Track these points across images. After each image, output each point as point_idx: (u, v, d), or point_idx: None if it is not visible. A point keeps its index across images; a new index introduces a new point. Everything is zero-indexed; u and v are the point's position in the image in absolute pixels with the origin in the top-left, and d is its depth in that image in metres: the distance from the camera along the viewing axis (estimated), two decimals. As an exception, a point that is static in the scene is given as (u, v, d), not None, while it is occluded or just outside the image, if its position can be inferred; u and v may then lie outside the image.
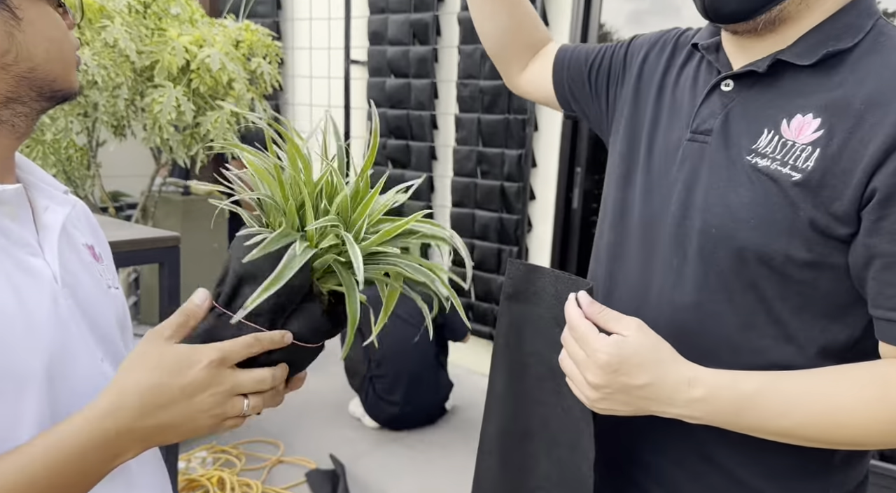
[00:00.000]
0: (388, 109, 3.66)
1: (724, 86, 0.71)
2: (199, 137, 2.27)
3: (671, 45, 0.83)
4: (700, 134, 0.71)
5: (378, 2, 3.57)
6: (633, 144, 0.80)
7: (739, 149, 0.68)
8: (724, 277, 0.67)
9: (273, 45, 2.47)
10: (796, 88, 0.66)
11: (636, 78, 0.83)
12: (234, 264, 0.60)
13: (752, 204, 0.65)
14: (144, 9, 2.15)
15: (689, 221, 0.70)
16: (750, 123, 0.68)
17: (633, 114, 0.81)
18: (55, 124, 1.90)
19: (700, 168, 0.70)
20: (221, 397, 0.56)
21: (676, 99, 0.77)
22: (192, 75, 2.14)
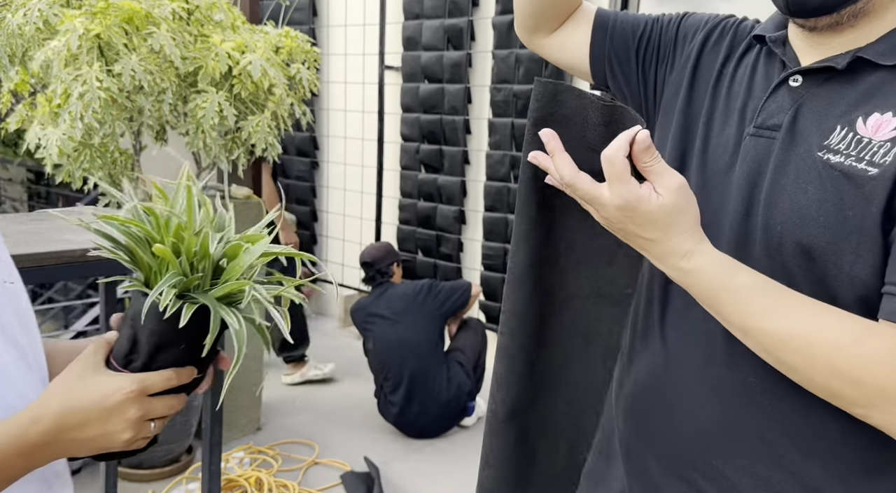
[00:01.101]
0: (422, 113, 3.68)
1: (793, 81, 0.70)
2: (241, 141, 2.31)
3: (730, 34, 0.80)
4: (766, 129, 0.70)
5: (413, 7, 3.60)
6: (687, 137, 0.78)
7: (809, 145, 0.66)
8: (791, 273, 0.66)
9: (312, 51, 2.50)
10: (874, 87, 0.65)
11: (693, 66, 0.80)
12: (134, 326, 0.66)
13: (822, 202, 0.64)
14: (188, 15, 2.20)
15: (752, 219, 0.69)
16: (821, 119, 0.67)
17: (688, 105, 0.79)
18: (103, 128, 1.95)
19: (765, 164, 0.69)
20: (135, 422, 0.62)
21: (732, 92, 0.75)
22: (234, 81, 2.18)
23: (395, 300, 2.85)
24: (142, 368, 0.64)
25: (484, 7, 3.40)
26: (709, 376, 0.72)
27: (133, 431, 0.62)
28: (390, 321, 2.80)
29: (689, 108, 0.79)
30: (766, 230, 0.67)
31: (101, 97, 1.80)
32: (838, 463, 0.67)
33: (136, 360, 0.64)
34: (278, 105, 2.34)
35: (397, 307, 2.82)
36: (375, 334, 2.82)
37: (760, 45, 0.76)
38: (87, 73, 1.80)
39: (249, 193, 2.79)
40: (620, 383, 0.83)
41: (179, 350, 0.65)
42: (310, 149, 4.40)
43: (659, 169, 0.62)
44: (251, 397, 2.80)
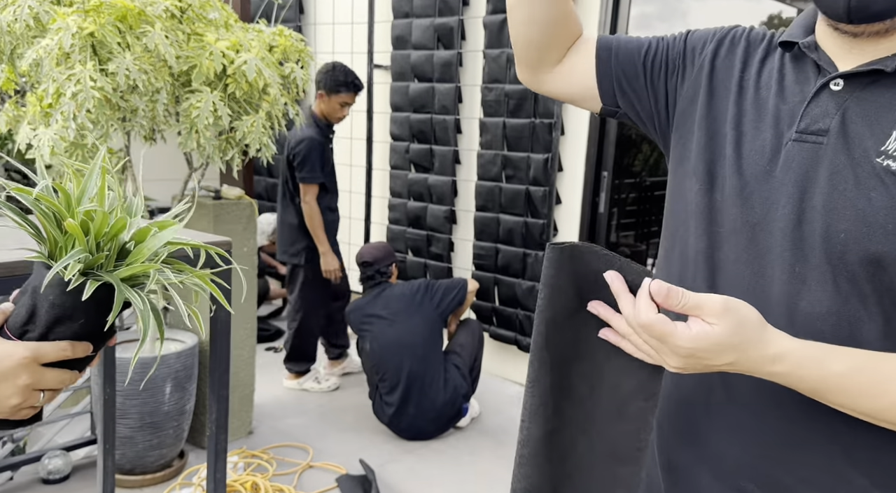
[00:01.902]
0: (412, 113, 3.66)
1: (834, 85, 0.70)
2: (235, 141, 2.27)
3: (742, 42, 0.80)
4: (811, 134, 0.69)
5: (402, 6, 3.58)
6: (714, 147, 0.77)
7: (865, 150, 0.66)
8: (857, 282, 0.65)
9: (306, 50, 2.47)
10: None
11: (709, 76, 0.80)
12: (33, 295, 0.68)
13: (889, 209, 0.64)
14: (181, 13, 2.15)
15: (807, 225, 0.68)
16: (872, 124, 0.67)
17: (709, 113, 0.78)
18: (96, 129, 1.91)
19: (816, 170, 0.68)
20: (24, 389, 0.64)
21: (760, 98, 0.75)
22: (229, 80, 2.15)
23: (393, 301, 2.83)
24: (37, 339, 0.66)
25: (475, 6, 3.39)
26: (769, 393, 0.71)
27: (21, 397, 0.64)
28: (388, 321, 2.78)
29: (711, 116, 0.78)
30: (827, 238, 0.66)
31: (96, 97, 1.76)
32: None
33: (33, 331, 0.66)
34: (273, 105, 2.31)
35: (395, 308, 2.80)
36: (373, 334, 2.80)
37: (784, 51, 0.76)
38: (80, 73, 1.75)
39: (241, 193, 2.75)
40: (666, 395, 0.82)
41: (78, 325, 0.68)
42: (297, 148, 4.35)
43: (694, 303, 0.61)
44: (243, 399, 2.77)
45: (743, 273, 0.72)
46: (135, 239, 0.73)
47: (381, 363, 2.76)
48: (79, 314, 0.67)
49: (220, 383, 1.48)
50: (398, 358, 2.73)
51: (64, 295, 0.65)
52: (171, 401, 2.37)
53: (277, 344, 3.86)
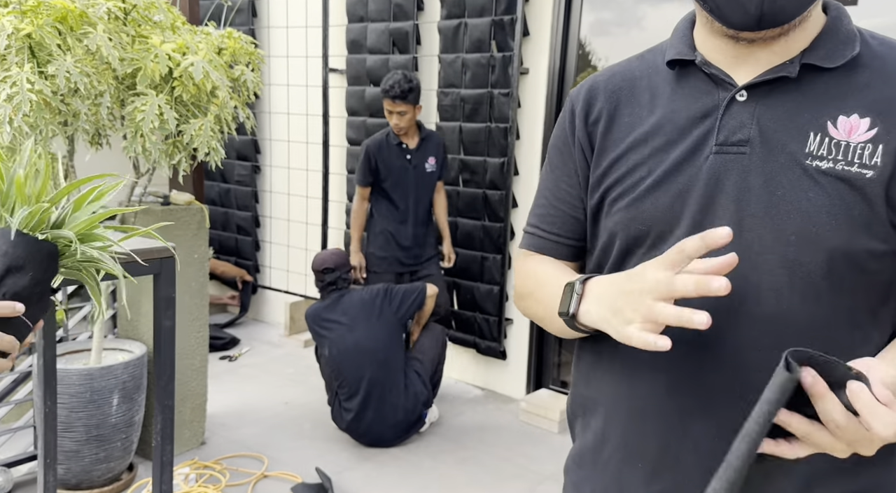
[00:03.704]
0: (368, 117, 3.64)
1: (740, 96, 0.71)
2: (182, 145, 2.23)
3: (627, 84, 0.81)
4: (732, 146, 0.71)
5: (357, 10, 3.57)
6: (630, 179, 0.76)
7: (791, 154, 0.68)
8: (812, 280, 0.67)
9: (256, 53, 2.44)
10: (824, 91, 0.69)
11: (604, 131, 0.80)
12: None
13: (829, 206, 0.66)
14: (125, 15, 2.10)
15: (748, 233, 0.68)
16: (789, 128, 0.69)
17: (611, 156, 0.79)
18: (34, 132, 1.84)
19: (746, 178, 0.69)
20: None
21: (663, 125, 0.75)
22: (175, 83, 2.10)
23: (352, 307, 2.80)
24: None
25: (429, 11, 3.40)
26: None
27: None
28: (347, 327, 2.75)
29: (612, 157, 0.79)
30: (779, 242, 0.67)
31: (33, 100, 1.70)
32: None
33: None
34: (221, 108, 2.27)
35: (354, 313, 2.78)
36: (332, 340, 2.77)
37: (671, 69, 0.77)
38: (16, 75, 1.69)
39: (191, 198, 2.70)
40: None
41: (25, 279, 0.71)
42: (251, 153, 4.29)
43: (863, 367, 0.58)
44: (195, 409, 2.70)
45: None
46: (72, 208, 0.79)
47: (340, 369, 2.74)
48: (29, 266, 0.70)
49: (165, 393, 1.45)
50: (358, 364, 2.71)
51: (16, 246, 0.69)
52: (119, 413, 2.30)
53: (233, 352, 3.79)
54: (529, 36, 3.10)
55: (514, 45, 3.04)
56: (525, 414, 3.11)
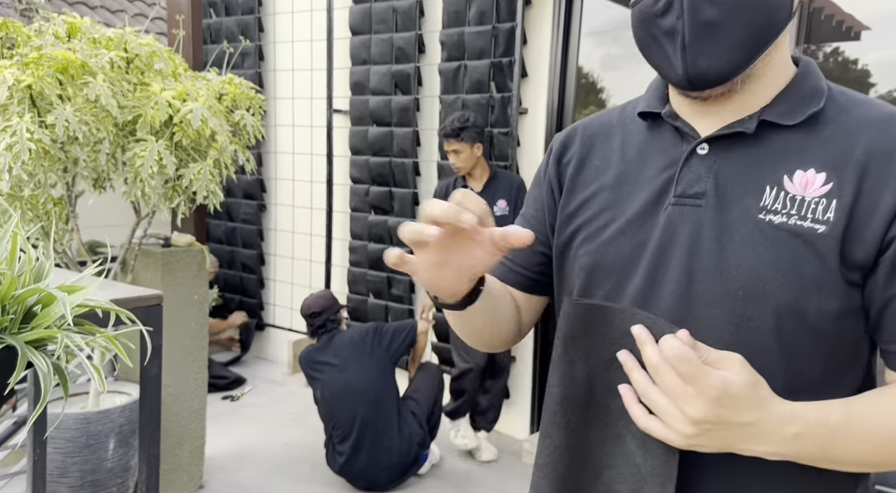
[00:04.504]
0: (371, 156, 3.68)
1: (700, 150, 0.72)
2: (181, 189, 2.26)
3: (579, 136, 0.84)
4: (689, 198, 0.71)
5: (360, 54, 3.64)
6: (592, 225, 0.78)
7: (745, 208, 0.68)
8: (760, 337, 0.66)
9: (257, 98, 2.48)
10: (783, 146, 0.69)
11: (571, 176, 0.83)
12: None
13: (778, 261, 0.65)
14: (127, 64, 2.16)
15: (698, 286, 0.68)
16: (746, 183, 0.69)
17: (577, 201, 0.81)
18: (33, 180, 1.88)
19: (700, 231, 0.69)
20: None
21: (625, 171, 0.77)
22: (175, 129, 2.14)
23: (342, 347, 2.79)
24: None
25: (430, 54, 3.46)
26: None
27: None
28: (338, 368, 2.73)
29: (578, 203, 0.80)
30: (727, 297, 0.67)
31: (32, 149, 1.74)
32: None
33: None
34: (221, 152, 2.30)
35: (345, 354, 2.76)
36: (324, 382, 2.75)
37: (643, 121, 0.79)
38: (16, 125, 1.73)
39: (192, 239, 2.72)
40: None
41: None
42: (257, 191, 4.34)
43: (716, 355, 0.61)
44: (193, 452, 2.68)
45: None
46: (41, 303, 0.74)
47: (332, 411, 2.71)
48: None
49: (151, 442, 1.44)
50: (350, 405, 2.68)
51: None
52: (115, 457, 2.28)
53: (235, 392, 3.77)
54: (528, 77, 3.14)
55: (513, 86, 3.08)
56: (529, 455, 3.05)
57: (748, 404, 0.61)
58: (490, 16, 3.13)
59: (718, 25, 0.65)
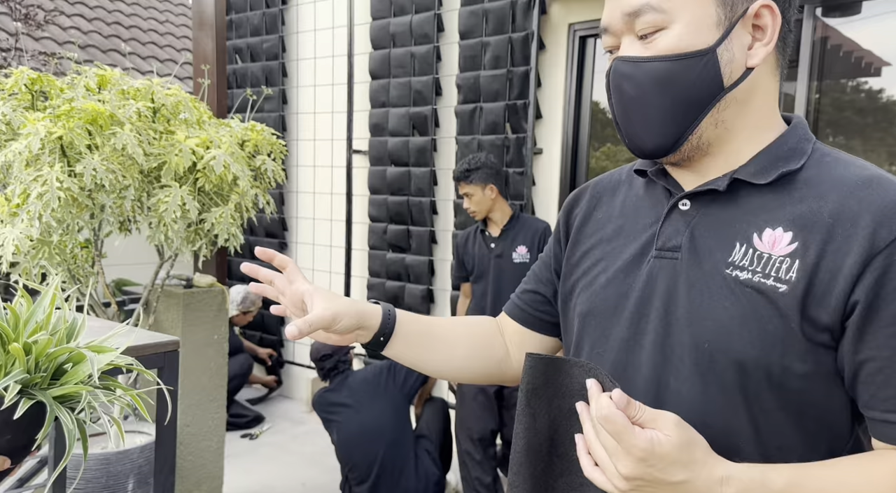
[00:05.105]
0: (389, 195, 3.75)
1: (682, 205, 0.75)
2: (203, 232, 2.32)
3: (588, 191, 0.90)
4: (668, 251, 0.74)
5: (379, 97, 3.73)
6: (588, 278, 0.82)
7: (715, 263, 0.70)
8: (727, 390, 0.67)
9: (278, 143, 2.56)
10: (758, 204, 0.70)
11: (577, 228, 0.87)
12: None
13: (742, 317, 0.66)
14: (153, 113, 2.25)
15: (674, 337, 0.70)
16: (719, 238, 0.71)
17: (578, 254, 0.86)
18: (61, 226, 1.95)
19: (675, 284, 0.72)
20: None
21: (622, 225, 0.81)
22: (198, 174, 2.21)
23: (357, 387, 2.79)
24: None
25: (447, 96, 3.54)
26: None
27: None
28: (354, 409, 2.73)
29: (579, 255, 0.85)
30: (695, 348, 0.69)
31: (61, 197, 1.81)
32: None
33: None
34: (242, 196, 2.37)
35: (360, 394, 2.76)
36: (340, 424, 2.75)
37: (640, 177, 0.84)
38: (47, 174, 1.81)
39: (213, 280, 2.78)
40: None
41: (4, 440, 0.70)
42: (278, 230, 4.42)
43: (651, 415, 0.62)
44: (211, 492, 2.69)
45: (641, 387, 0.73)
46: (71, 361, 0.77)
47: (349, 453, 2.71)
48: (7, 430, 0.70)
49: (164, 488, 1.46)
50: (367, 447, 2.67)
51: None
52: (133, 497, 2.30)
53: (255, 431, 3.79)
54: (542, 118, 3.19)
55: (528, 127, 3.13)
56: None
57: (678, 463, 0.61)
58: (505, 60, 3.20)
59: (637, 105, 0.70)
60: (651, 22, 0.68)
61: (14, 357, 0.72)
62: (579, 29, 3.06)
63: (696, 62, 0.67)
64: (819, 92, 2.63)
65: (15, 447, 0.72)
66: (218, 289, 2.71)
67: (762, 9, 0.69)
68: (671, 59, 0.68)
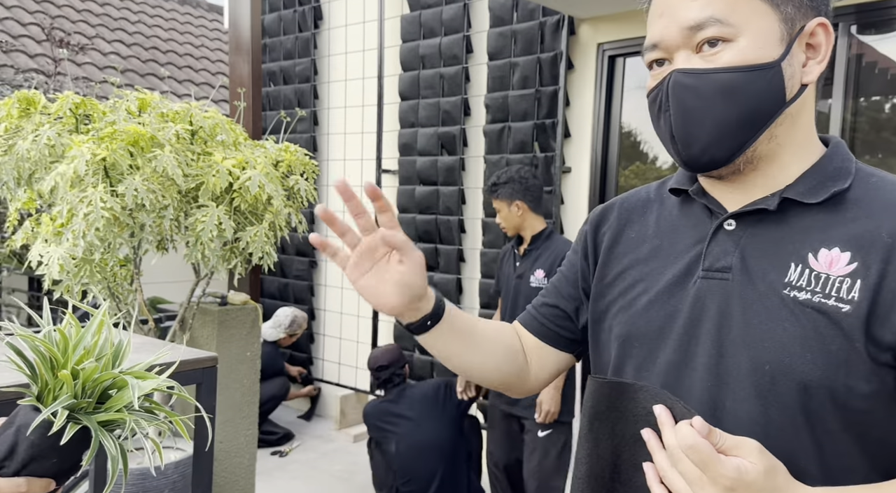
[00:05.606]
0: (418, 214, 3.78)
1: (728, 225, 0.74)
2: (238, 250, 2.37)
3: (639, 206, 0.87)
4: (716, 271, 0.73)
5: (408, 117, 3.79)
6: (624, 301, 0.81)
7: (770, 283, 0.69)
8: (788, 412, 0.66)
9: (310, 164, 2.61)
10: (809, 224, 0.70)
11: (606, 249, 0.86)
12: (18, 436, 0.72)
13: (804, 338, 0.66)
14: (192, 135, 2.31)
15: (729, 359, 0.69)
16: (771, 258, 0.70)
17: (609, 276, 0.84)
18: (103, 245, 2.01)
19: (728, 304, 0.71)
20: None
21: (659, 245, 0.80)
22: (234, 194, 2.27)
23: (417, 402, 2.81)
24: (11, 475, 0.71)
25: (475, 116, 3.57)
26: None
27: None
28: (415, 423, 2.74)
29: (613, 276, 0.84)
30: (754, 370, 0.67)
31: (105, 217, 1.87)
32: None
33: (9, 467, 0.71)
34: (276, 215, 2.42)
35: (420, 409, 2.77)
36: (399, 435, 2.75)
37: (675, 196, 0.82)
38: (91, 194, 1.88)
39: (247, 298, 2.83)
40: None
41: (50, 463, 0.72)
42: (308, 249, 4.48)
43: (732, 442, 0.61)
44: (242, 509, 2.71)
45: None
46: (116, 386, 0.79)
47: (409, 466, 2.71)
48: (53, 454, 0.72)
49: (202, 502, 1.48)
50: (428, 461, 2.68)
51: (44, 437, 0.70)
52: (167, 512, 2.33)
53: (284, 448, 3.81)
54: (571, 137, 3.20)
55: (556, 146, 3.14)
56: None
57: (763, 491, 0.60)
58: (533, 80, 3.23)
59: (701, 116, 0.69)
60: (715, 35, 0.68)
61: (62, 382, 0.74)
62: (608, 48, 3.08)
63: (764, 75, 0.68)
64: (854, 111, 2.60)
65: (61, 470, 0.74)
66: (251, 306, 2.75)
67: (818, 27, 0.70)
68: (740, 71, 0.68)
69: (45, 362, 0.74)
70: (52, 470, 0.73)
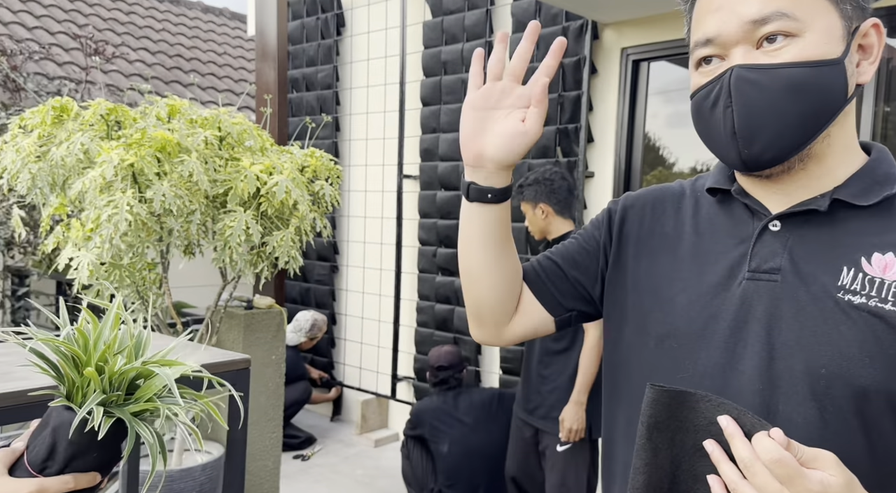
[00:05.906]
0: (439, 219, 3.78)
1: (773, 226, 0.73)
2: (265, 255, 2.39)
3: (658, 200, 0.85)
4: (764, 273, 0.71)
5: (430, 123, 3.80)
6: (658, 299, 0.79)
7: (823, 286, 0.68)
8: (844, 415, 0.65)
9: (335, 169, 2.63)
10: (858, 227, 0.69)
11: (635, 241, 0.84)
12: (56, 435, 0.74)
13: (861, 342, 0.65)
14: (220, 141, 2.34)
15: (781, 362, 0.68)
16: (821, 261, 0.69)
17: (644, 272, 0.82)
18: (132, 250, 2.04)
19: (778, 306, 0.70)
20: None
21: (699, 244, 0.78)
22: (262, 199, 2.29)
23: (473, 407, 2.82)
24: (55, 474, 0.72)
25: (497, 120, 3.57)
26: None
27: None
28: (470, 428, 2.75)
29: (648, 274, 0.81)
30: (809, 374, 0.66)
31: (129, 220, 1.90)
32: None
33: (52, 467, 0.73)
34: (302, 220, 2.43)
35: (476, 415, 2.79)
36: (452, 437, 2.76)
37: (711, 196, 0.80)
38: (119, 199, 1.91)
39: (272, 302, 2.85)
40: None
41: (91, 458, 0.74)
42: (330, 254, 4.51)
43: (810, 454, 0.60)
44: (266, 512, 2.72)
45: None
46: (142, 376, 0.79)
47: (457, 469, 2.72)
48: (93, 449, 0.74)
49: (233, 504, 1.49)
50: (477, 468, 2.70)
51: (82, 435, 0.72)
52: (193, 515, 2.35)
53: (306, 452, 3.83)
54: (594, 142, 3.19)
55: (579, 151, 3.13)
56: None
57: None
58: (556, 85, 3.22)
59: (766, 112, 0.67)
60: (779, 29, 0.67)
61: (88, 379, 0.75)
62: (632, 53, 3.06)
63: (830, 71, 0.67)
64: (885, 116, 2.56)
65: (103, 462, 0.76)
66: (276, 310, 2.77)
67: (871, 28, 0.70)
68: (807, 66, 0.67)
69: (69, 361, 0.75)
70: (95, 464, 0.75)
